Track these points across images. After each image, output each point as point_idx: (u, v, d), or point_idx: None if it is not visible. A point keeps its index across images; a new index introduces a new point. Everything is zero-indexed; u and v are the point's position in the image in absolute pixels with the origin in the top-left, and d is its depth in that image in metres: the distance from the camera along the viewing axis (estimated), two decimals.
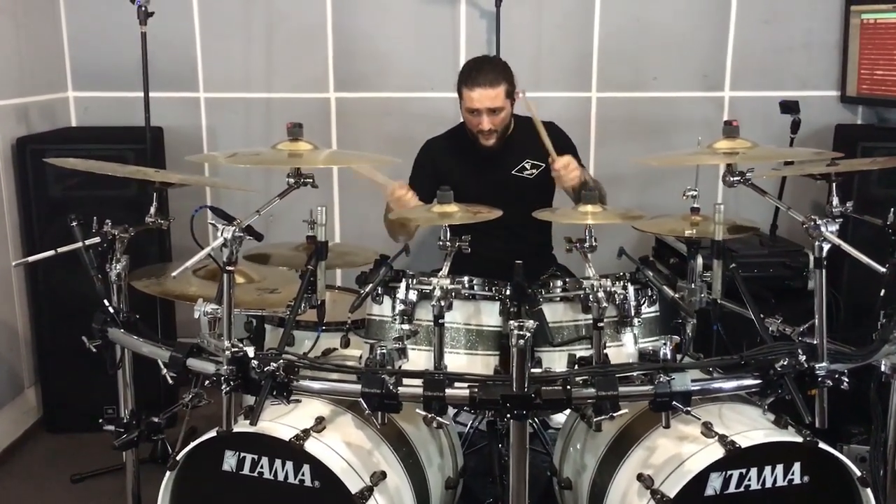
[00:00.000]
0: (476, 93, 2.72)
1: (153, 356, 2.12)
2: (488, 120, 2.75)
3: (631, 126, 3.70)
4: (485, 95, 2.71)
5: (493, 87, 2.71)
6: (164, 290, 2.37)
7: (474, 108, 2.74)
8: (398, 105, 3.67)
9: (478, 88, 2.71)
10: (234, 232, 1.86)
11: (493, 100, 2.72)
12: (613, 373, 1.86)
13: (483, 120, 2.75)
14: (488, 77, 2.71)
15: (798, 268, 3.23)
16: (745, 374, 1.90)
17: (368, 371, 1.88)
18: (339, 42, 3.63)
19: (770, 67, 3.66)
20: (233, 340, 1.90)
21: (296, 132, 2.08)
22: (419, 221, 2.10)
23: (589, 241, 2.06)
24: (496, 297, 2.12)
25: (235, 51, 3.66)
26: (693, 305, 2.39)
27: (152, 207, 2.38)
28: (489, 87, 2.71)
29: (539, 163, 2.89)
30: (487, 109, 2.73)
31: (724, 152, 2.05)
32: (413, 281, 2.07)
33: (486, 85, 2.71)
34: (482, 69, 2.74)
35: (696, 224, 2.47)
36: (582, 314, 2.09)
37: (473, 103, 2.73)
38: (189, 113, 3.68)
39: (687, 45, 3.64)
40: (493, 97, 2.72)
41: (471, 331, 2.11)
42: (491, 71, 2.74)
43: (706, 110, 3.68)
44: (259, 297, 2.46)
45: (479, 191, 2.71)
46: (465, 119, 2.84)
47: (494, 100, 2.73)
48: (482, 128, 2.77)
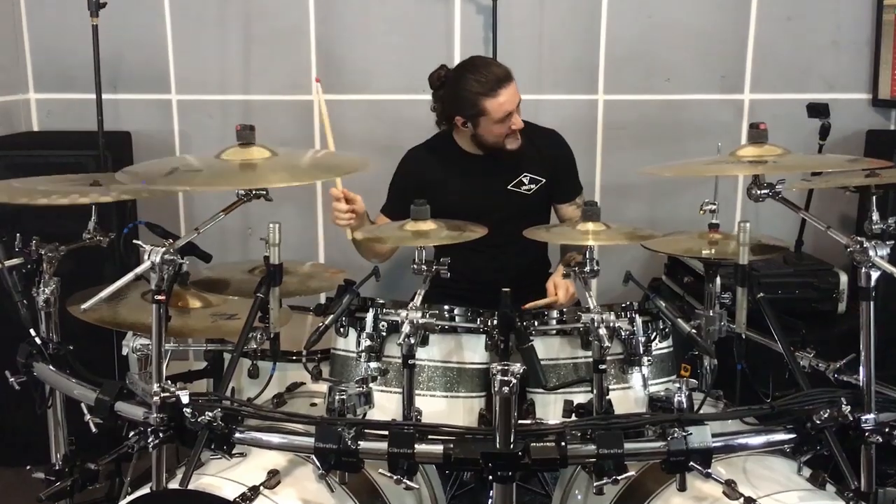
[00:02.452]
0: (502, 96, 2.41)
1: (84, 399, 1.81)
2: (517, 118, 2.48)
3: (641, 132, 3.44)
4: (510, 93, 2.42)
5: (511, 81, 2.44)
6: (102, 318, 2.06)
7: (508, 113, 2.44)
8: (388, 108, 3.43)
9: (501, 91, 2.41)
10: (164, 254, 1.56)
11: (516, 94, 2.45)
12: (618, 426, 1.54)
13: (516, 118, 2.47)
14: (500, 73, 2.43)
15: (827, 289, 2.97)
16: (777, 427, 1.59)
17: (323, 422, 1.57)
18: (323, 40, 3.40)
19: (794, 68, 3.40)
20: (163, 383, 1.59)
21: (247, 135, 1.77)
22: (388, 242, 1.79)
23: (590, 265, 1.76)
24: (481, 330, 1.82)
25: (210, 49, 3.42)
26: (712, 335, 2.10)
27: (91, 222, 2.09)
28: (508, 84, 2.43)
29: (539, 177, 2.57)
30: (516, 107, 2.47)
31: (751, 161, 1.74)
32: (382, 311, 1.76)
33: (505, 82, 2.42)
34: (488, 69, 2.44)
35: (715, 243, 2.17)
36: (581, 350, 1.79)
37: (505, 107, 2.42)
38: (160, 116, 3.45)
39: (703, 44, 3.39)
40: (515, 91, 2.44)
41: (450, 369, 1.81)
42: (496, 66, 2.47)
43: (724, 114, 3.43)
44: (214, 325, 2.17)
45: (469, 206, 2.42)
46: (487, 133, 2.50)
47: (517, 94, 2.46)
48: (517, 126, 2.48)
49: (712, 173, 2.04)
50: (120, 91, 3.39)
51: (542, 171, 2.58)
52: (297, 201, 3.47)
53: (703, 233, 2.21)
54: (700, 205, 2.15)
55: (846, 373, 1.93)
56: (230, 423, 1.59)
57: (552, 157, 2.60)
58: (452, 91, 2.46)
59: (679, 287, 3.16)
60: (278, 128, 3.39)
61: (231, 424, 1.59)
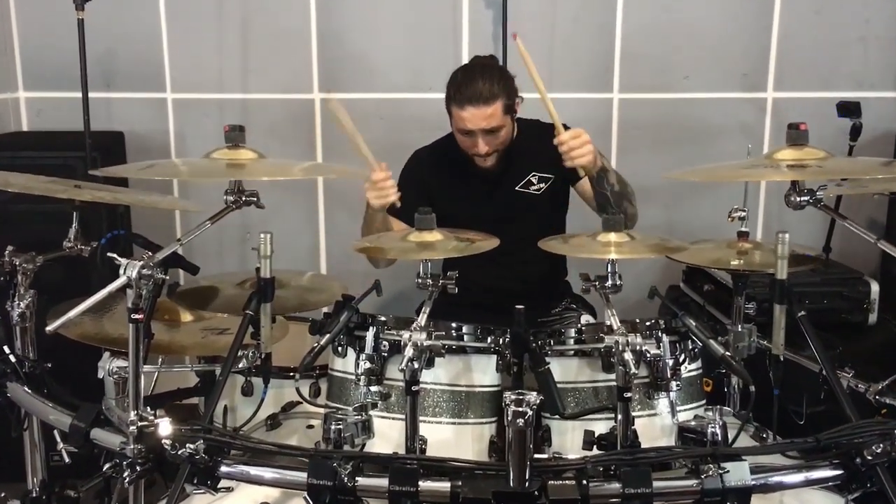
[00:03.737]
0: (467, 112, 2.21)
1: (58, 426, 1.66)
2: (484, 142, 2.26)
3: (658, 132, 3.31)
4: (477, 115, 2.21)
5: (488, 105, 2.20)
6: (85, 334, 1.91)
7: (466, 130, 2.25)
8: (392, 107, 3.30)
9: (469, 107, 2.20)
10: (142, 268, 1.41)
11: (487, 119, 2.22)
12: (646, 461, 1.38)
13: (478, 143, 2.26)
14: (481, 92, 2.20)
15: (858, 299, 2.82)
16: (822, 462, 1.43)
17: (317, 455, 1.42)
18: (325, 36, 3.28)
19: (820, 65, 3.26)
20: (141, 411, 1.44)
21: (235, 136, 1.62)
22: (390, 254, 1.63)
23: (612, 279, 1.59)
24: (492, 350, 1.66)
25: (207, 46, 3.30)
26: (740, 353, 1.95)
27: (72, 230, 1.94)
28: (482, 105, 2.20)
29: (548, 175, 2.40)
30: (482, 131, 2.25)
31: (790, 165, 1.57)
32: (383, 329, 1.61)
33: (478, 102, 2.20)
34: (472, 82, 2.23)
35: (745, 253, 2.01)
36: (602, 373, 1.63)
37: (465, 123, 2.23)
38: (155, 115, 3.33)
39: (724, 40, 3.26)
40: (487, 116, 2.21)
41: (458, 393, 1.65)
42: (484, 84, 2.22)
43: (746, 114, 3.29)
44: (205, 340, 2.03)
45: (477, 212, 2.27)
46: (458, 140, 2.35)
47: (490, 119, 2.22)
48: (478, 150, 2.28)
49: (747, 178, 1.87)
50: (112, 89, 3.28)
51: (550, 167, 2.40)
52: (297, 206, 3.35)
53: (732, 241, 2.06)
54: (728, 212, 2.03)
55: (889, 395, 1.79)
56: (215, 456, 1.44)
57: (557, 153, 2.45)
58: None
59: (698, 296, 3.02)
60: (278, 128, 3.29)
61: (216, 457, 1.44)
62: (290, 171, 1.80)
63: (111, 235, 1.68)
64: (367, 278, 1.84)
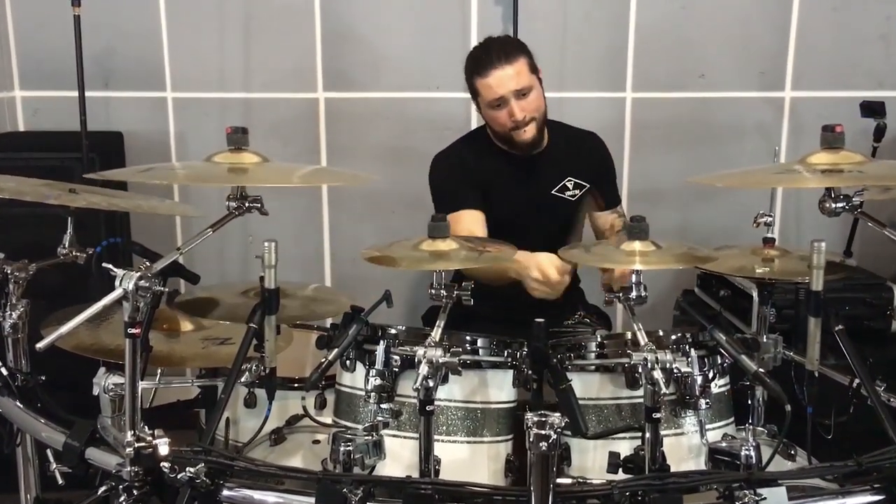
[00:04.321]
0: (493, 77, 2.13)
1: (52, 444, 1.58)
2: (518, 106, 2.16)
3: (672, 132, 3.25)
4: (504, 76, 2.13)
5: (511, 63, 2.14)
6: (81, 345, 1.82)
7: (498, 97, 2.15)
8: (398, 107, 3.23)
9: (493, 71, 2.13)
10: (139, 280, 1.32)
11: (515, 78, 2.13)
12: (676, 487, 1.29)
13: (513, 107, 2.16)
14: (501, 53, 2.15)
15: (880, 305, 2.71)
16: (863, 487, 1.34)
17: (325, 478, 1.33)
18: (329, 33, 3.21)
19: (840, 63, 3.19)
20: (138, 431, 1.35)
21: (238, 139, 1.54)
22: (401, 265, 1.53)
23: (637, 290, 1.50)
24: (509, 364, 1.57)
25: (208, 44, 3.23)
26: (766, 365, 1.87)
27: (66, 236, 1.86)
28: (506, 64, 2.13)
29: (583, 182, 2.32)
30: (514, 92, 2.15)
31: (825, 170, 1.48)
32: (395, 343, 1.52)
33: (501, 63, 2.13)
34: (490, 48, 2.19)
35: (771, 260, 1.93)
36: (626, 389, 1.54)
37: (494, 90, 2.14)
38: (155, 115, 3.26)
39: (741, 37, 3.19)
40: (514, 75, 2.13)
41: (473, 410, 1.56)
42: (502, 46, 2.19)
43: (763, 113, 3.22)
44: (206, 351, 1.94)
45: (516, 213, 2.24)
46: (491, 120, 2.25)
47: (518, 78, 2.14)
48: (515, 117, 2.17)
49: (781, 185, 1.78)
50: (111, 88, 3.20)
51: (587, 175, 2.33)
52: (301, 214, 3.28)
53: (757, 248, 1.97)
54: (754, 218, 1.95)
55: None
56: (216, 479, 1.35)
57: (596, 161, 2.36)
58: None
59: (714, 301, 2.93)
60: (281, 128, 3.22)
61: (218, 480, 1.36)
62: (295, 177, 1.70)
63: (106, 243, 1.59)
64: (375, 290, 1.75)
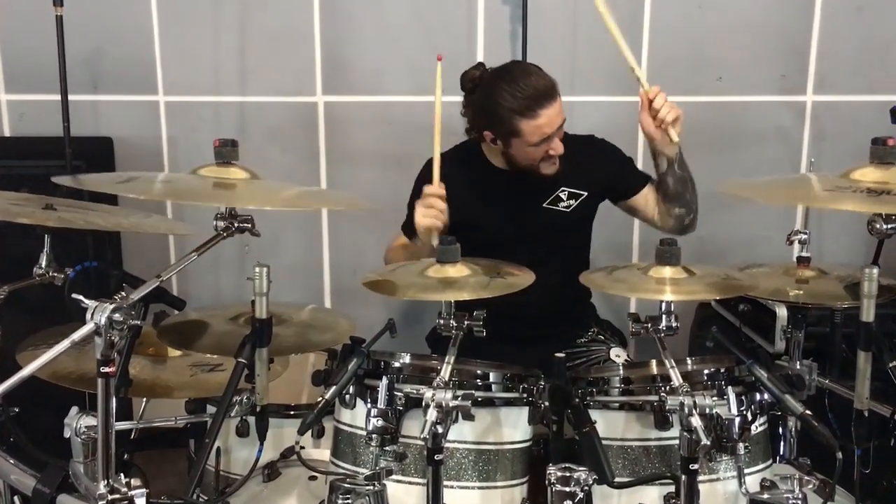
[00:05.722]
0: (543, 117, 2.00)
1: (21, 488, 1.44)
2: (559, 140, 2.07)
3: (689, 138, 3.00)
4: (552, 113, 2.01)
5: (555, 98, 2.03)
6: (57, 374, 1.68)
7: (545, 136, 2.04)
8: (400, 111, 3.13)
9: (543, 111, 2.00)
10: (112, 313, 1.18)
11: (560, 114, 2.05)
12: None
13: (556, 144, 2.06)
14: (543, 88, 2.01)
15: None
16: None
17: None
18: (329, 34, 3.11)
19: (864, 66, 3.07)
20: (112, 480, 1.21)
21: (226, 153, 1.39)
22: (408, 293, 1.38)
23: (667, 320, 1.36)
24: (524, 400, 1.43)
25: (202, 45, 3.13)
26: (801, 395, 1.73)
27: (43, 256, 1.72)
28: (552, 101, 2.01)
29: (578, 191, 2.18)
30: (558, 129, 2.06)
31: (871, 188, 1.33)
32: (399, 378, 1.38)
33: (549, 100, 2.01)
34: (530, 83, 2.02)
35: (805, 281, 1.79)
36: (654, 430, 1.39)
37: (544, 130, 2.02)
38: (146, 120, 3.16)
39: (760, 38, 3.07)
40: (559, 111, 2.04)
41: (486, 452, 1.43)
42: (539, 78, 2.04)
43: (784, 118, 3.10)
44: (194, 378, 1.80)
45: (501, 229, 2.06)
46: (521, 155, 2.12)
47: (560, 112, 2.05)
48: (557, 151, 2.08)
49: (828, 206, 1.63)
50: (100, 91, 3.10)
51: (582, 183, 2.20)
52: (299, 223, 3.17)
53: (790, 267, 1.84)
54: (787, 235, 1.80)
55: None
56: None
57: (593, 163, 2.23)
58: (485, 102, 2.09)
59: (733, 316, 2.79)
60: (278, 134, 3.12)
61: None
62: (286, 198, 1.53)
63: (81, 268, 1.45)
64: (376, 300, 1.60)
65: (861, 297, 1.33)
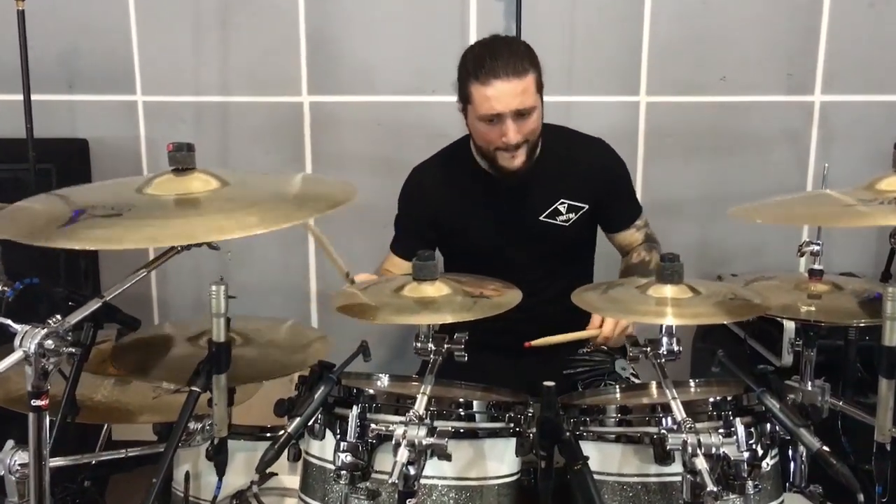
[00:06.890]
0: (493, 88, 1.85)
1: None
2: (515, 128, 1.89)
3: (690, 140, 3.07)
4: (507, 91, 1.85)
5: (520, 77, 1.86)
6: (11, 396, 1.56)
7: (494, 114, 1.88)
8: (390, 112, 3.07)
9: (496, 81, 1.85)
10: (43, 339, 1.05)
11: (520, 96, 1.86)
12: None
13: (508, 128, 1.88)
14: (510, 63, 1.86)
15: None
16: None
17: None
18: (314, 31, 3.04)
19: (875, 65, 3.00)
20: None
21: (181, 158, 1.26)
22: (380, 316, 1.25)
23: (668, 344, 1.23)
24: (511, 431, 1.30)
25: (182, 43, 3.07)
26: None
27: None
28: (514, 77, 1.85)
29: (579, 204, 2.03)
30: (514, 112, 1.88)
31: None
32: (372, 408, 1.25)
33: (507, 75, 1.85)
34: (497, 52, 1.89)
35: (817, 296, 1.67)
36: (654, 465, 1.26)
37: (492, 105, 1.87)
38: (124, 121, 3.09)
39: (766, 35, 3.01)
40: (519, 92, 1.86)
41: (468, 489, 1.29)
42: (512, 54, 1.89)
43: (791, 120, 3.03)
44: (157, 401, 1.68)
45: (494, 244, 1.93)
46: (475, 133, 1.99)
47: (522, 96, 1.87)
48: (508, 139, 1.90)
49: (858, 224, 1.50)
50: (75, 91, 3.03)
51: (584, 195, 2.05)
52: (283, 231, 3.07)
53: (801, 281, 1.72)
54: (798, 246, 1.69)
55: None
56: None
57: (597, 176, 2.07)
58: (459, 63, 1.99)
59: (737, 327, 2.69)
60: (262, 135, 3.05)
61: None
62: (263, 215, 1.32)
63: (20, 286, 1.31)
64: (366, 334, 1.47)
65: (883, 318, 1.21)
